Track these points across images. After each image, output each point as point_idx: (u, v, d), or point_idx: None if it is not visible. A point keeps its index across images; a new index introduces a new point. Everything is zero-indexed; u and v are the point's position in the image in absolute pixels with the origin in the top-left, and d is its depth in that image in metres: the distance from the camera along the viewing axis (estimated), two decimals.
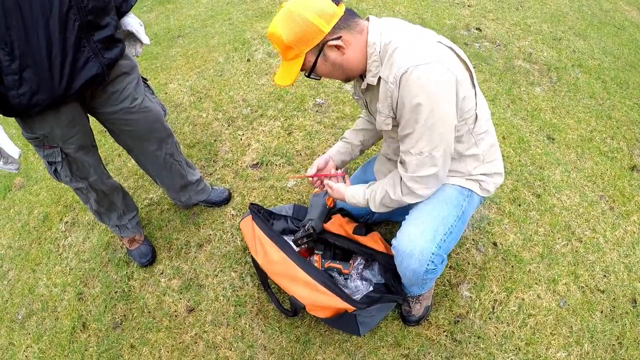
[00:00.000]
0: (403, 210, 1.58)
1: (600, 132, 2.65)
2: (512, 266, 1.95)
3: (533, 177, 2.32)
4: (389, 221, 2.05)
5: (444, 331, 1.75)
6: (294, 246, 1.71)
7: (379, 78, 1.27)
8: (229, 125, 2.67)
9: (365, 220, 1.93)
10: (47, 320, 1.95)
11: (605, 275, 1.94)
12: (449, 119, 1.22)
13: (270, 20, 3.63)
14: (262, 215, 1.80)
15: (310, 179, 1.68)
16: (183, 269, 2.01)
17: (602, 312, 1.82)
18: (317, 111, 2.70)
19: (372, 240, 1.78)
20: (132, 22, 1.59)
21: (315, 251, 1.80)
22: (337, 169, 1.73)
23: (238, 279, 1.94)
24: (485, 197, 1.56)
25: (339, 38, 1.21)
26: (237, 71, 3.10)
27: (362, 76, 1.36)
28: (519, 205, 2.18)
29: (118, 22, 1.50)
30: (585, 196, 2.26)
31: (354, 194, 1.52)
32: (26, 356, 1.86)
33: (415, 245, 1.38)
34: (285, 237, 1.81)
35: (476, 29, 3.45)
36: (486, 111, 1.42)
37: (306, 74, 1.30)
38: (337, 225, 1.84)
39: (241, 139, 2.57)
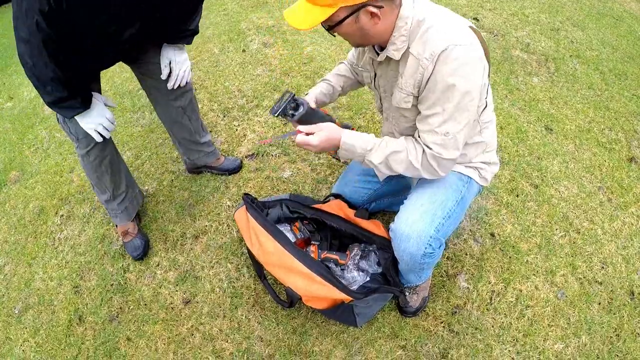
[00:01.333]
0: (400, 201, 1.55)
1: (598, 123, 2.64)
2: (510, 257, 1.94)
3: (531, 168, 2.30)
4: (386, 211, 2.04)
5: (442, 322, 1.74)
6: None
7: (405, 54, 1.23)
8: (224, 116, 2.65)
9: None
10: (43, 314, 1.94)
11: (603, 267, 1.94)
12: (476, 103, 1.22)
13: (265, 10, 3.60)
14: (256, 206, 1.78)
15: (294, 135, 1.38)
16: (179, 260, 2.00)
17: (599, 304, 1.81)
18: None
19: (374, 225, 1.76)
20: (163, 58, 1.73)
21: (312, 241, 1.79)
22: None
23: (234, 270, 1.93)
24: (483, 186, 1.56)
25: (380, 7, 1.15)
26: (233, 62, 3.07)
27: (374, 46, 1.32)
28: (517, 195, 2.17)
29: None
30: (584, 187, 2.25)
31: (356, 137, 1.33)
32: (23, 350, 1.85)
33: (413, 227, 1.37)
34: (281, 227, 1.81)
35: (473, 18, 3.42)
36: (491, 100, 1.43)
37: (325, 27, 1.20)
38: (337, 208, 1.82)
39: (237, 130, 2.55)
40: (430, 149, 1.26)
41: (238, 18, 3.56)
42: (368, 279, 1.66)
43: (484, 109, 1.38)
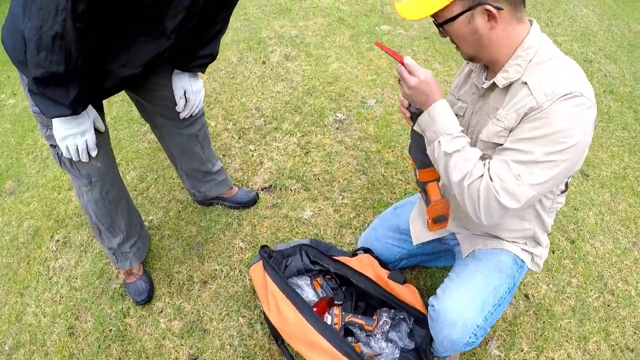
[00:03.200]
0: (437, 257, 1.41)
1: (633, 169, 2.50)
2: (544, 322, 1.80)
3: (567, 220, 2.16)
4: (417, 267, 1.87)
5: None
6: None
7: (515, 84, 1.10)
8: (239, 138, 2.47)
9: (394, 267, 1.75)
10: (35, 355, 1.76)
11: (635, 332, 1.81)
12: (566, 171, 1.05)
13: (288, 19, 3.39)
14: (275, 261, 1.62)
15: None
16: (185, 309, 1.82)
17: None
18: (337, 128, 2.49)
19: (409, 292, 1.60)
20: (176, 87, 1.56)
21: (335, 302, 1.63)
22: None
23: (246, 325, 1.76)
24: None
25: (499, 9, 1.03)
26: (251, 74, 2.87)
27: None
28: (553, 252, 2.02)
29: None
30: (618, 242, 2.11)
31: (450, 113, 1.14)
32: None
33: (461, 313, 1.22)
34: (301, 280, 1.65)
35: None
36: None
37: (436, 22, 1.11)
38: (366, 266, 1.65)
39: (253, 156, 2.37)
40: (492, 180, 1.05)
41: (259, 25, 3.35)
42: (397, 353, 1.50)
43: (563, 191, 1.26)
